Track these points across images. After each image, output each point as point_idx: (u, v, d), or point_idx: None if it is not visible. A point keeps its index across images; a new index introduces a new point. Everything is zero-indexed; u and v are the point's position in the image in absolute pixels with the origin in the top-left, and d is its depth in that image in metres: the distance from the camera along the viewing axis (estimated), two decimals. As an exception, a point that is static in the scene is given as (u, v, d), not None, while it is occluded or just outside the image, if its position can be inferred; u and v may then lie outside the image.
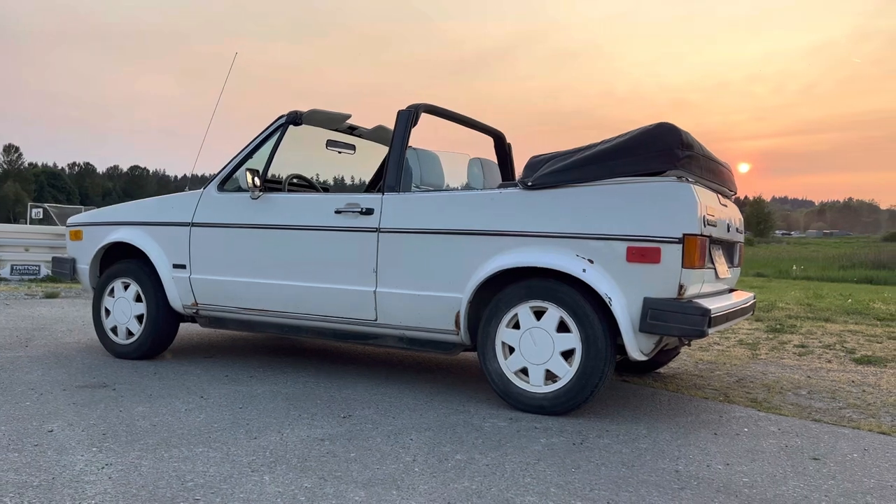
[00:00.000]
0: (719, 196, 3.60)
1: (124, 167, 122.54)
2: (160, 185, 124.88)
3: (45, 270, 10.59)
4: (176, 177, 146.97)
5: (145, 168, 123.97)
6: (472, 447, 2.71)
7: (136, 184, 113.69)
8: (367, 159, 5.26)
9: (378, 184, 5.27)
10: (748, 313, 3.82)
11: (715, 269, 3.42)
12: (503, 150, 4.80)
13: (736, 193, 3.99)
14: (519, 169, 5.05)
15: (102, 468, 2.39)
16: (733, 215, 3.80)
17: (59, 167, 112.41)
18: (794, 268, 20.51)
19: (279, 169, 4.45)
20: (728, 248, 3.78)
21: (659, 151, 3.11)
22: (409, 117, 3.75)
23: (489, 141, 4.78)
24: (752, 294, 4.10)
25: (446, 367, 4.38)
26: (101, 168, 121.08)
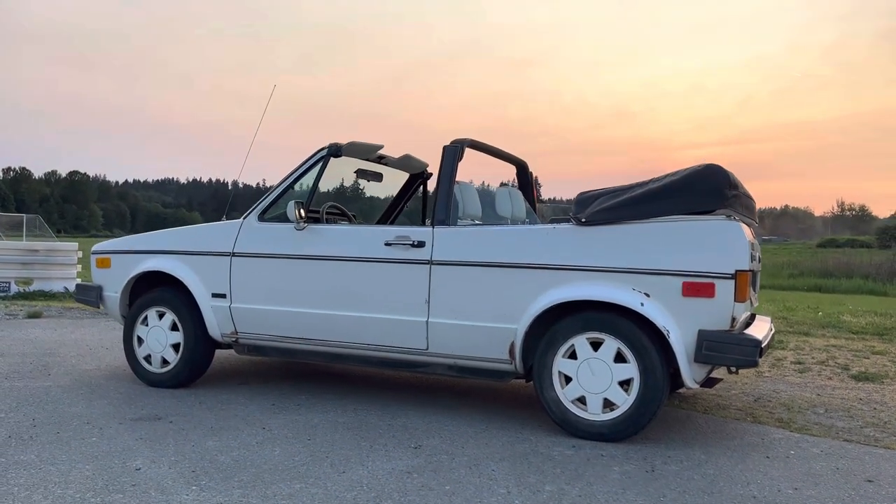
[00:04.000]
0: (752, 230, 3.83)
1: (63, 172, 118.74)
2: (101, 190, 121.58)
3: (15, 287, 10.31)
4: (117, 182, 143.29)
5: (85, 173, 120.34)
6: (555, 477, 2.86)
7: (75, 189, 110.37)
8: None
9: (395, 210, 5.40)
10: (774, 339, 4.06)
11: (751, 299, 3.65)
12: (526, 177, 4.96)
13: (758, 224, 4.24)
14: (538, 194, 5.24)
15: (216, 508, 2.45)
16: (757, 245, 4.04)
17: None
18: (747, 276, 21.21)
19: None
20: (754, 276, 4.01)
21: (709, 191, 3.31)
22: (455, 153, 3.88)
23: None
24: (769, 318, 4.35)
25: (481, 391, 4.51)
26: (37, 173, 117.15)
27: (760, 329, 3.60)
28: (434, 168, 5.01)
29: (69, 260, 10.47)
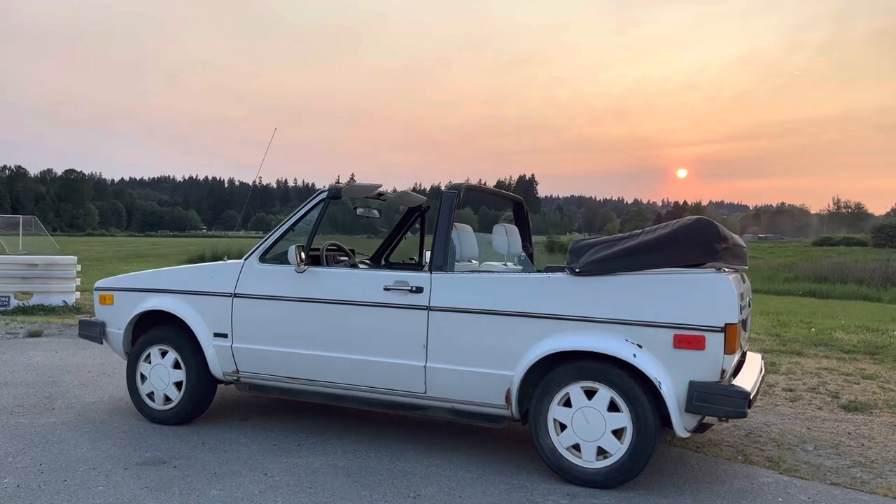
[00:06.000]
0: (742, 276, 3.92)
1: (59, 170, 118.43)
2: (97, 188, 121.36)
3: (14, 302, 10.36)
4: (113, 180, 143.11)
5: (81, 171, 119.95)
6: (550, 532, 2.95)
7: (71, 188, 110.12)
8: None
9: (393, 242, 5.50)
10: (763, 380, 4.15)
11: (741, 343, 3.74)
12: (522, 214, 5.05)
13: (747, 267, 4.32)
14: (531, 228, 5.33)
15: (222, 572, 2.54)
16: (748, 289, 4.13)
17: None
18: (742, 281, 21.31)
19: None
20: (744, 323, 4.10)
21: (700, 245, 3.40)
22: (453, 199, 3.97)
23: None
24: (759, 355, 4.44)
25: (477, 429, 4.60)
26: (33, 171, 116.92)
27: (749, 377, 3.68)
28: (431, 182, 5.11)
29: (68, 274, 10.53)
